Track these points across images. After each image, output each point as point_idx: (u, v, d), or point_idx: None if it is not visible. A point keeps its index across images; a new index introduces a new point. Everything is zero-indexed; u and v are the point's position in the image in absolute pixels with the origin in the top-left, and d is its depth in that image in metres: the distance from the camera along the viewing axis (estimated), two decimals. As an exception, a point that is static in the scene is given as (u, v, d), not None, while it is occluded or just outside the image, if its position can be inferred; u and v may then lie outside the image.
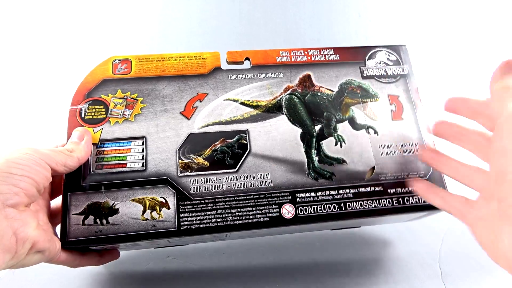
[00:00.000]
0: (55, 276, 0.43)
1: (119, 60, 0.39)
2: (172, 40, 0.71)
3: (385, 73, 0.42)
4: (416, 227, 0.50)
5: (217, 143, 0.37)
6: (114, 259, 0.37)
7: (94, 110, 0.37)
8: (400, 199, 0.36)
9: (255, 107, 0.39)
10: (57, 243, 0.31)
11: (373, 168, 0.38)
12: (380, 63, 0.42)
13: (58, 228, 0.34)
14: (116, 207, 0.33)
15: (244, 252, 0.46)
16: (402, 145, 0.39)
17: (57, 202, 0.37)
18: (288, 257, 0.46)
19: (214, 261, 0.45)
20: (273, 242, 0.47)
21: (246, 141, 0.37)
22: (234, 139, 0.37)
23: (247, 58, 0.41)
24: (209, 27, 0.72)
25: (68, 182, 0.34)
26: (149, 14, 0.73)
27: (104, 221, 0.33)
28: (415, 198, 0.36)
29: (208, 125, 0.37)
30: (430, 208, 0.36)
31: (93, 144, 0.35)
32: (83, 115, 0.36)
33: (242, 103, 0.39)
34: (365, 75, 0.42)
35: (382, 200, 0.36)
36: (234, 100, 0.39)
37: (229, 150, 0.37)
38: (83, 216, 0.33)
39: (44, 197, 0.33)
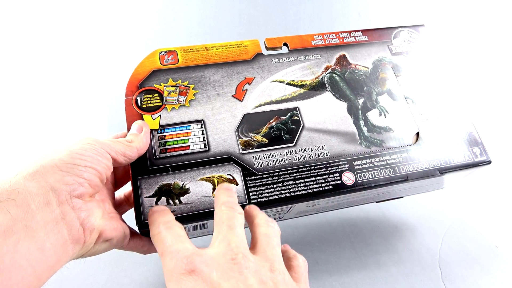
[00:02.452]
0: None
1: (165, 52, 0.40)
2: (172, 39, 0.72)
3: (411, 50, 0.45)
4: (416, 227, 0.51)
5: (271, 121, 0.38)
6: None
7: (149, 99, 0.37)
8: (447, 159, 0.39)
9: (301, 86, 0.41)
10: (125, 230, 0.31)
11: (418, 133, 0.40)
12: (405, 41, 0.45)
13: (130, 215, 0.34)
14: (187, 186, 0.34)
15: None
16: (438, 111, 0.41)
17: (119, 193, 0.37)
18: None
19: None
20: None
21: (299, 117, 0.39)
22: (287, 116, 0.39)
23: (285, 44, 0.43)
24: (208, 27, 0.73)
25: (136, 168, 0.34)
26: (150, 13, 0.74)
27: (177, 201, 0.33)
28: (460, 158, 0.39)
29: (260, 105, 0.39)
30: (473, 165, 0.39)
31: (154, 130, 0.36)
32: (139, 104, 0.37)
33: (288, 84, 0.41)
34: (393, 52, 0.44)
35: (431, 162, 0.38)
36: (280, 81, 0.41)
37: (284, 127, 0.38)
38: (156, 198, 0.33)
39: (108, 187, 0.33)
